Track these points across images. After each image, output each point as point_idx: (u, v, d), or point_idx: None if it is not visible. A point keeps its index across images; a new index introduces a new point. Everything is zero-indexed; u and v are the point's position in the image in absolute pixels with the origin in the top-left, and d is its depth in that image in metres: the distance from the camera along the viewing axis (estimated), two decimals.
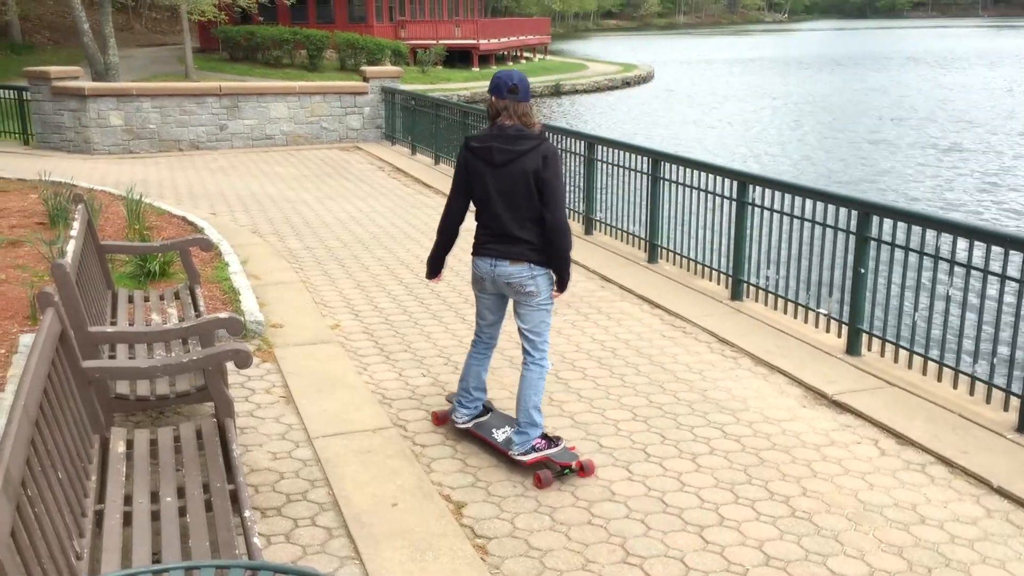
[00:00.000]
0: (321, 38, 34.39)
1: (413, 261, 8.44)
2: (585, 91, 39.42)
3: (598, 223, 9.50)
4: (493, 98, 4.38)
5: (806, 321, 6.60)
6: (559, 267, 4.41)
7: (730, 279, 7.30)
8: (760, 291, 7.12)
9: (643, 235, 8.63)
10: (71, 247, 4.60)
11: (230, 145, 15.70)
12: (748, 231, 7.10)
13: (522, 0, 75.30)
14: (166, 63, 34.46)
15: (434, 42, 39.69)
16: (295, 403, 5.21)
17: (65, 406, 3.27)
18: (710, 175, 7.55)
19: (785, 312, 6.82)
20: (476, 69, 40.25)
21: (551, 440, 4.51)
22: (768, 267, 7.00)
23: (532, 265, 4.39)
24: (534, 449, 4.43)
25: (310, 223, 9.99)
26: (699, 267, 7.91)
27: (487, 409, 4.90)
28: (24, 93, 15.69)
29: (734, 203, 7.18)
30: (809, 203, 6.46)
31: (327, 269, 8.17)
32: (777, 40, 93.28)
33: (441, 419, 5.00)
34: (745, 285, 7.20)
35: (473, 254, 4.54)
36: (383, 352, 6.11)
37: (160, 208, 10.10)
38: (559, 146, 10.19)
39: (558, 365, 5.87)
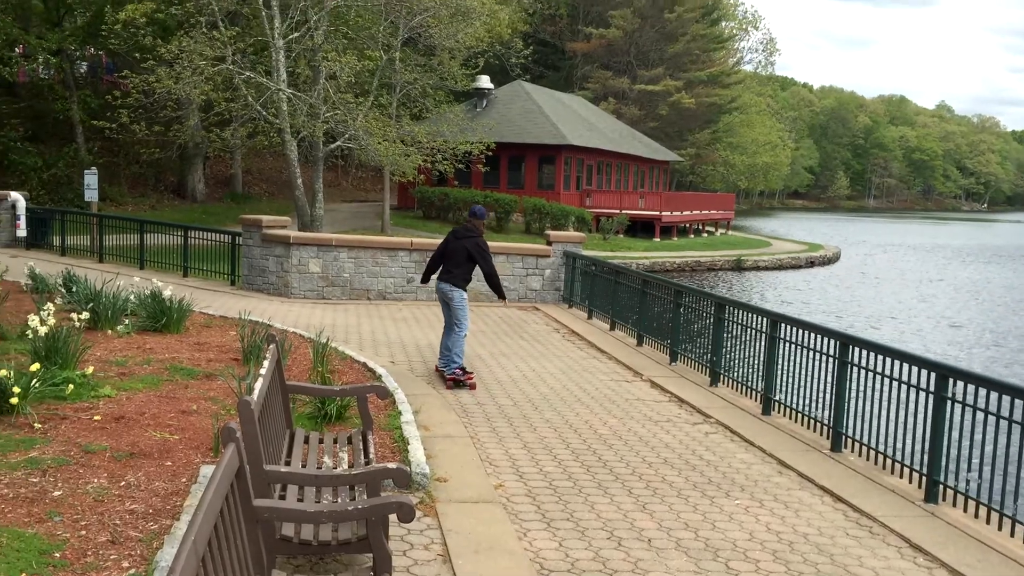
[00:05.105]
0: (510, 202, 35.88)
1: (582, 427, 8.29)
2: (767, 268, 38.90)
3: (777, 403, 9.09)
4: (468, 216, 10.14)
5: (1012, 534, 5.93)
6: (495, 290, 10.13)
7: (924, 478, 6.71)
8: (959, 495, 6.49)
9: (826, 421, 8.16)
10: (259, 385, 4.78)
11: (415, 297, 16.34)
12: (947, 428, 6.56)
13: (708, 176, 76.38)
14: (365, 218, 36.81)
15: (618, 211, 40.58)
16: (452, 563, 5.08)
17: (232, 543, 3.29)
18: (904, 364, 7.11)
19: (988, 522, 6.16)
20: (657, 240, 40.69)
21: (464, 371, 9.60)
22: (970, 469, 6.40)
23: (454, 287, 9.76)
24: (453, 372, 9.53)
25: (483, 379, 10.08)
26: (889, 461, 7.34)
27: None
28: (236, 238, 17.05)
29: (931, 396, 6.69)
30: (1019, 403, 5.92)
31: (495, 426, 8.15)
32: (976, 230, 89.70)
33: (439, 371, 9.84)
34: (942, 487, 6.59)
35: (437, 280, 9.98)
36: (545, 519, 5.93)
37: (343, 352, 10.51)
38: (738, 322, 10.01)
39: (728, 554, 5.49)
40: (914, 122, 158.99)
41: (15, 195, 20.73)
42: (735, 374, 10.15)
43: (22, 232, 20.46)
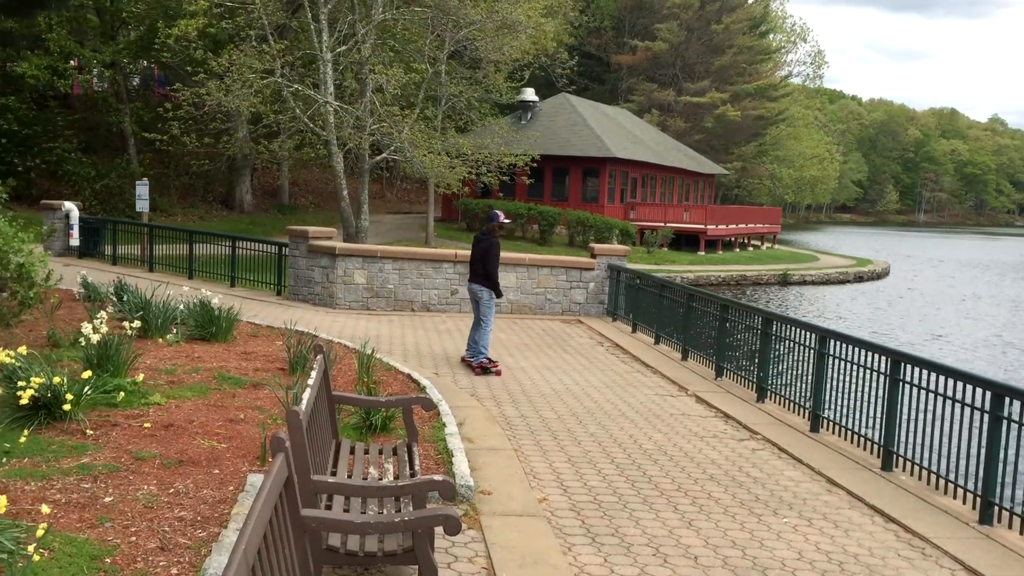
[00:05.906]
0: (554, 214, 35.87)
1: (627, 441, 8.23)
2: (814, 283, 38.41)
3: (826, 420, 8.94)
4: (488, 219, 11.31)
5: None
6: (492, 288, 11.03)
7: (979, 499, 6.56)
8: (1015, 517, 6.33)
9: (877, 439, 8.01)
10: (307, 395, 4.81)
11: (459, 309, 16.37)
12: (1003, 449, 6.40)
13: (754, 190, 75.71)
14: (409, 229, 37.02)
15: (662, 224, 40.36)
16: None
17: (280, 552, 3.30)
18: (958, 382, 6.95)
19: None
20: (702, 253, 40.39)
21: (491, 360, 10.93)
22: None
23: (481, 287, 11.04)
24: (480, 362, 10.80)
25: (527, 392, 10.06)
26: (942, 481, 7.18)
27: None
28: (283, 249, 17.23)
29: (986, 415, 6.53)
30: None
31: (539, 439, 8.12)
32: None
33: (465, 361, 11.06)
34: (997, 508, 6.43)
35: (469, 280, 11.30)
36: (589, 533, 5.88)
37: (388, 364, 10.55)
38: (786, 337, 9.91)
39: (776, 573, 5.40)
40: (966, 135, 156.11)
41: (69, 205, 21.18)
42: (782, 390, 10.02)
43: (75, 241, 20.89)
